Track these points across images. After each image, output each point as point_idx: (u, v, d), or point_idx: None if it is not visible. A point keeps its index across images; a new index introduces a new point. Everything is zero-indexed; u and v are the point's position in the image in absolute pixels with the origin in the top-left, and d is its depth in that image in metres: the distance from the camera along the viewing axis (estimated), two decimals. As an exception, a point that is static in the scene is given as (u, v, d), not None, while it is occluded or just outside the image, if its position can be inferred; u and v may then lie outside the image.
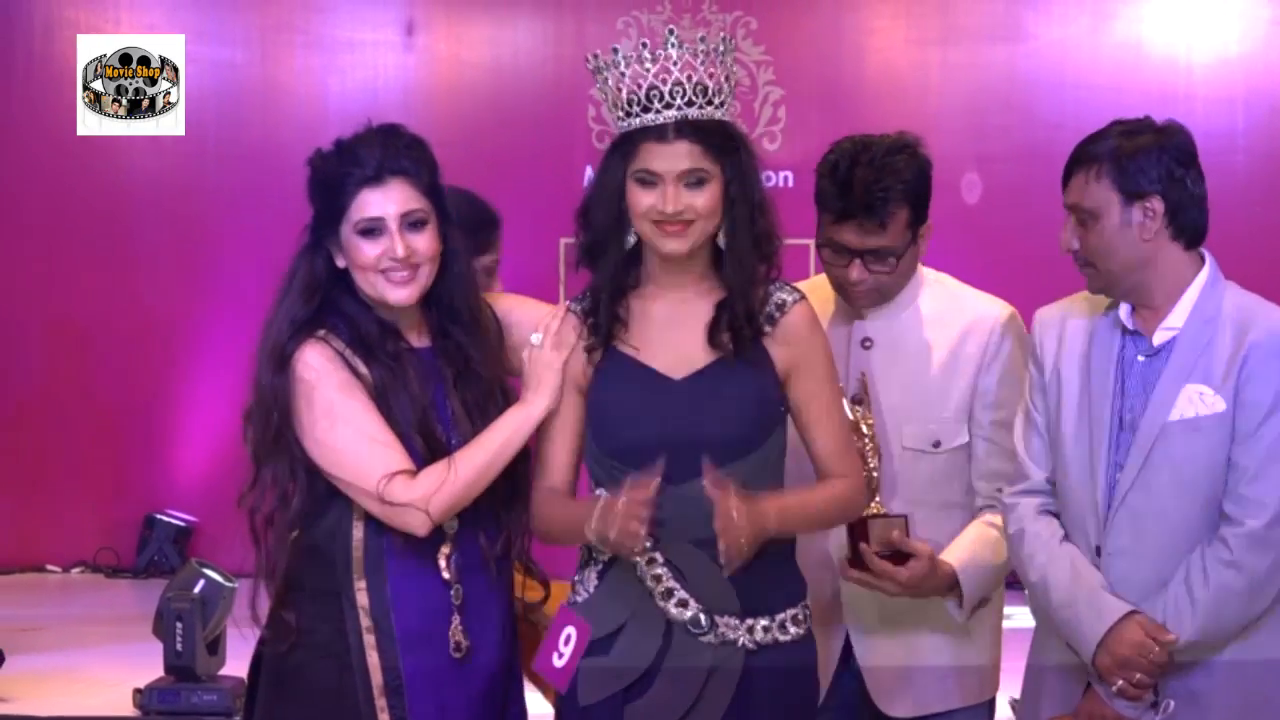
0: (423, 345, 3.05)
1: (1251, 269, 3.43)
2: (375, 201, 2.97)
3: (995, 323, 3.33)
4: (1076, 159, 3.04)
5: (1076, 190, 3.03)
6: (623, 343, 2.95)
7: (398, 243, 2.96)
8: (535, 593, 3.19)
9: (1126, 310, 3.06)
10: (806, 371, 2.95)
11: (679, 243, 2.89)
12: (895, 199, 3.20)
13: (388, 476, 2.90)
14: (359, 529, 2.99)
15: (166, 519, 8.60)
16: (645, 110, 2.87)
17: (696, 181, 2.87)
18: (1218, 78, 8.46)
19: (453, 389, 3.02)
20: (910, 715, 3.35)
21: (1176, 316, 3.02)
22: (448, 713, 2.99)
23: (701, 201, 2.87)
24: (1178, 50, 8.49)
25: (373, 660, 2.97)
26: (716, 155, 2.88)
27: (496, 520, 3.03)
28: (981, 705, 3.42)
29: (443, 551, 2.98)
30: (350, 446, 2.93)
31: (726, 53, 2.91)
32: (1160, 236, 3.00)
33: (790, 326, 2.94)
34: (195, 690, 5.68)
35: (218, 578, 5.79)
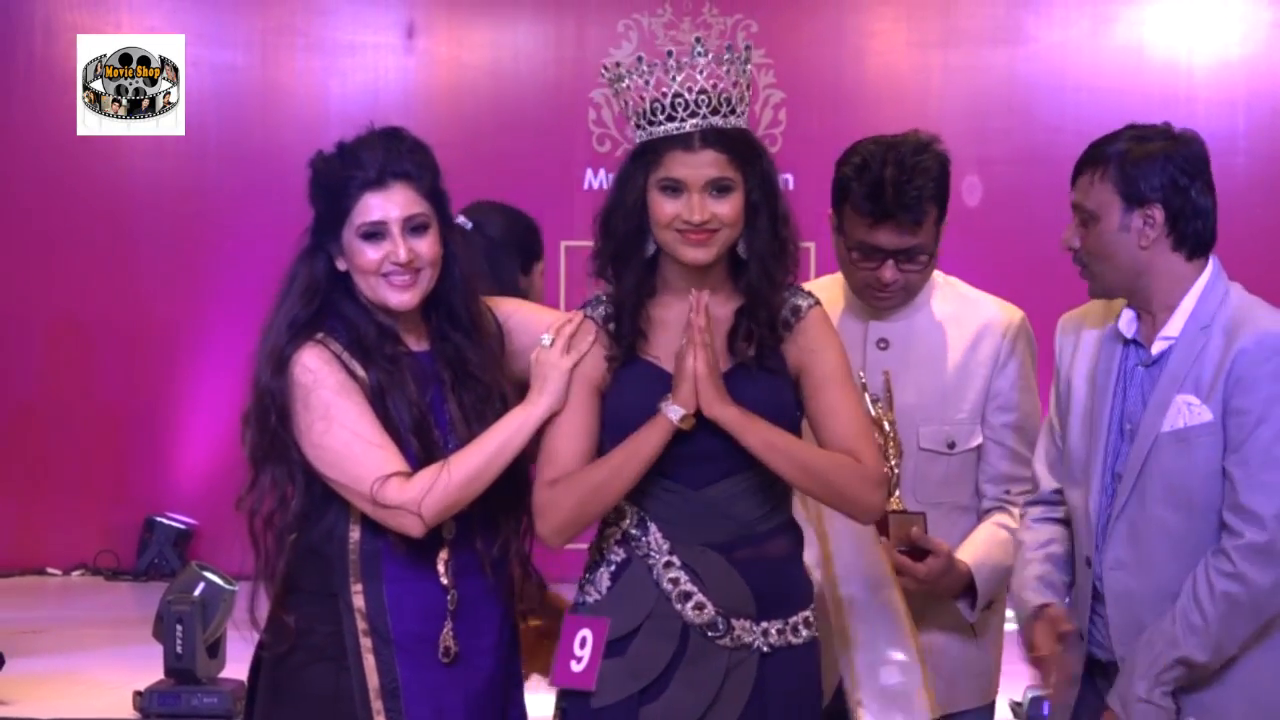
0: (421, 349, 3.04)
1: (1252, 271, 3.42)
2: (378, 205, 2.96)
3: (1008, 326, 3.34)
4: (1086, 158, 3.03)
5: (1081, 189, 3.02)
6: (643, 350, 2.94)
7: (400, 247, 2.95)
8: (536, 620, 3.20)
9: (1128, 318, 3.04)
10: (820, 371, 2.92)
11: (703, 252, 2.87)
12: (928, 197, 3.21)
13: (382, 478, 2.89)
14: (356, 531, 2.98)
15: (167, 521, 8.60)
16: (670, 119, 2.86)
17: (721, 190, 2.86)
18: (1219, 80, 8.46)
19: (450, 392, 3.01)
20: (915, 716, 3.34)
21: (1174, 325, 3.00)
22: (445, 716, 2.98)
23: (726, 210, 2.86)
24: (1179, 53, 8.49)
25: (369, 663, 2.96)
26: (740, 164, 2.87)
27: (495, 524, 3.01)
28: (985, 707, 3.43)
29: (441, 556, 2.98)
30: (345, 448, 2.92)
31: (747, 61, 2.90)
32: (1159, 245, 2.98)
33: (807, 331, 2.93)
34: (195, 693, 5.68)
35: (218, 580, 5.79)
